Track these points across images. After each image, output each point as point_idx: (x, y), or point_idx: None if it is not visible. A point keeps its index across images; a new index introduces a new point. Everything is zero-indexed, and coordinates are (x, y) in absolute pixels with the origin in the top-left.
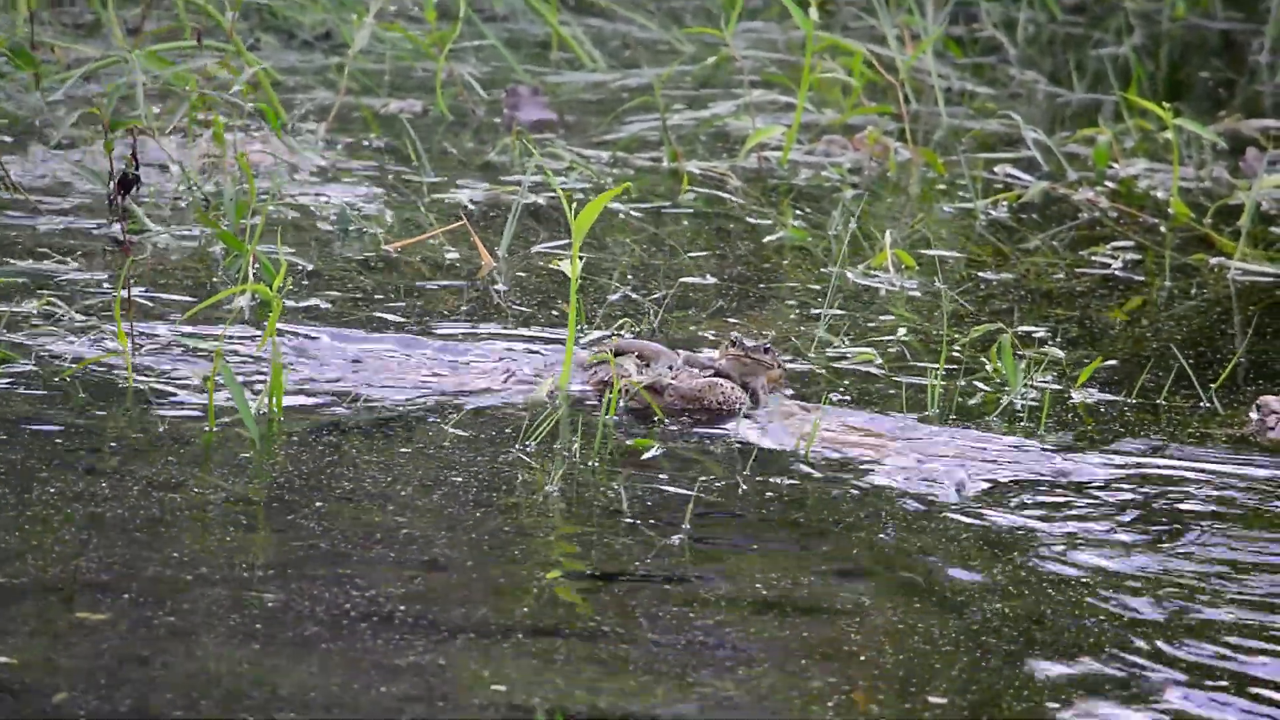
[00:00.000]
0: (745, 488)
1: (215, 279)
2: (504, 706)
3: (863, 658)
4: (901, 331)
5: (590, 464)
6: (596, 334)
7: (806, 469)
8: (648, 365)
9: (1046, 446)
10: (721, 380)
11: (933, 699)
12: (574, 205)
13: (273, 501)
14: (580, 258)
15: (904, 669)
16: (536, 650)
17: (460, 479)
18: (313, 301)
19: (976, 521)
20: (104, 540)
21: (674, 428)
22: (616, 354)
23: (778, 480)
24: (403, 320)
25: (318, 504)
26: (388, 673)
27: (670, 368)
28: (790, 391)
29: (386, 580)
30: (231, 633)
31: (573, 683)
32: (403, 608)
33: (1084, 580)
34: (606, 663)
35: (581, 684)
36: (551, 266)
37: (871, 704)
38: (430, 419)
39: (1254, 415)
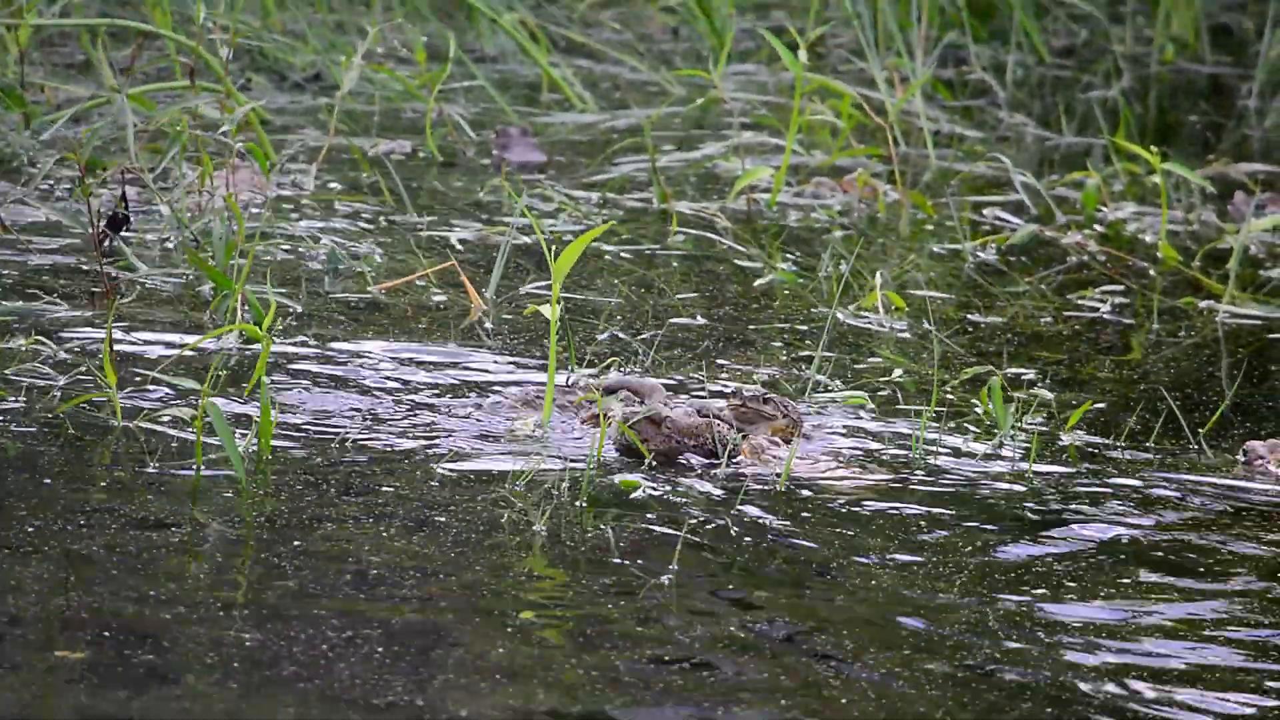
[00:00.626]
0: (736, 529)
1: (204, 319)
2: None
3: (844, 700)
4: (898, 373)
5: (578, 504)
6: (586, 371)
7: (801, 510)
8: (640, 402)
9: (1041, 487)
10: (720, 422)
11: None
12: (555, 247)
13: (255, 541)
14: (562, 300)
15: (885, 712)
16: (516, 692)
17: (444, 519)
18: (301, 339)
19: (970, 561)
20: (83, 579)
21: (661, 467)
22: (608, 392)
23: (766, 519)
24: (395, 362)
25: (300, 544)
26: (366, 711)
27: (665, 404)
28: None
29: (365, 621)
30: (209, 671)
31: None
32: (380, 649)
33: (1078, 628)
34: (584, 703)
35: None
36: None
37: None
38: (417, 459)
39: (1240, 459)
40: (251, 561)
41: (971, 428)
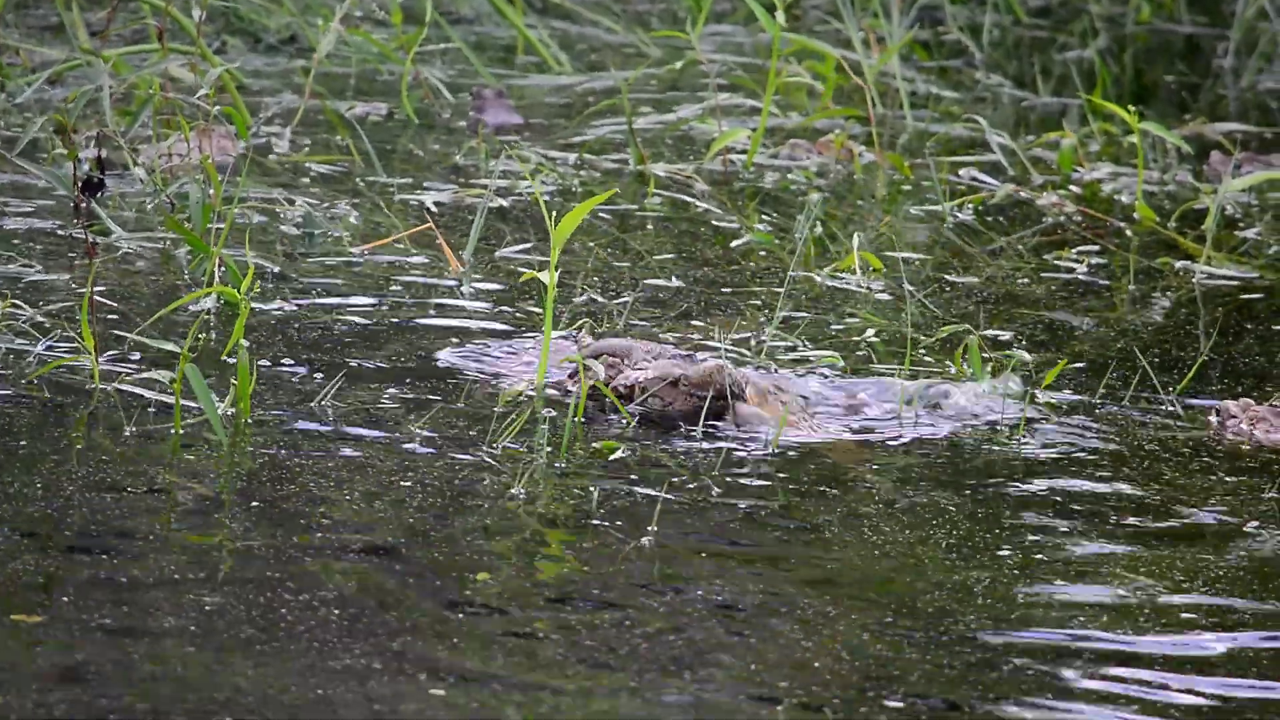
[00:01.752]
0: (717, 490)
1: (181, 282)
2: (440, 706)
3: (816, 664)
4: (870, 333)
5: (558, 466)
6: (573, 332)
7: (780, 472)
8: (622, 361)
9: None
10: (726, 362)
11: (890, 704)
12: (549, 210)
13: (225, 504)
14: (544, 262)
15: (859, 675)
16: (478, 655)
17: (420, 481)
18: (279, 302)
19: (953, 524)
20: (44, 542)
21: (644, 428)
22: (595, 356)
23: (746, 481)
24: (373, 323)
25: (270, 507)
26: (322, 675)
27: (654, 357)
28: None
29: (323, 584)
30: (166, 635)
31: (517, 689)
32: (337, 611)
33: (1062, 589)
34: (549, 668)
35: (526, 690)
36: (518, 269)
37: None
38: (397, 420)
39: (1213, 419)
40: (217, 524)
41: (952, 387)
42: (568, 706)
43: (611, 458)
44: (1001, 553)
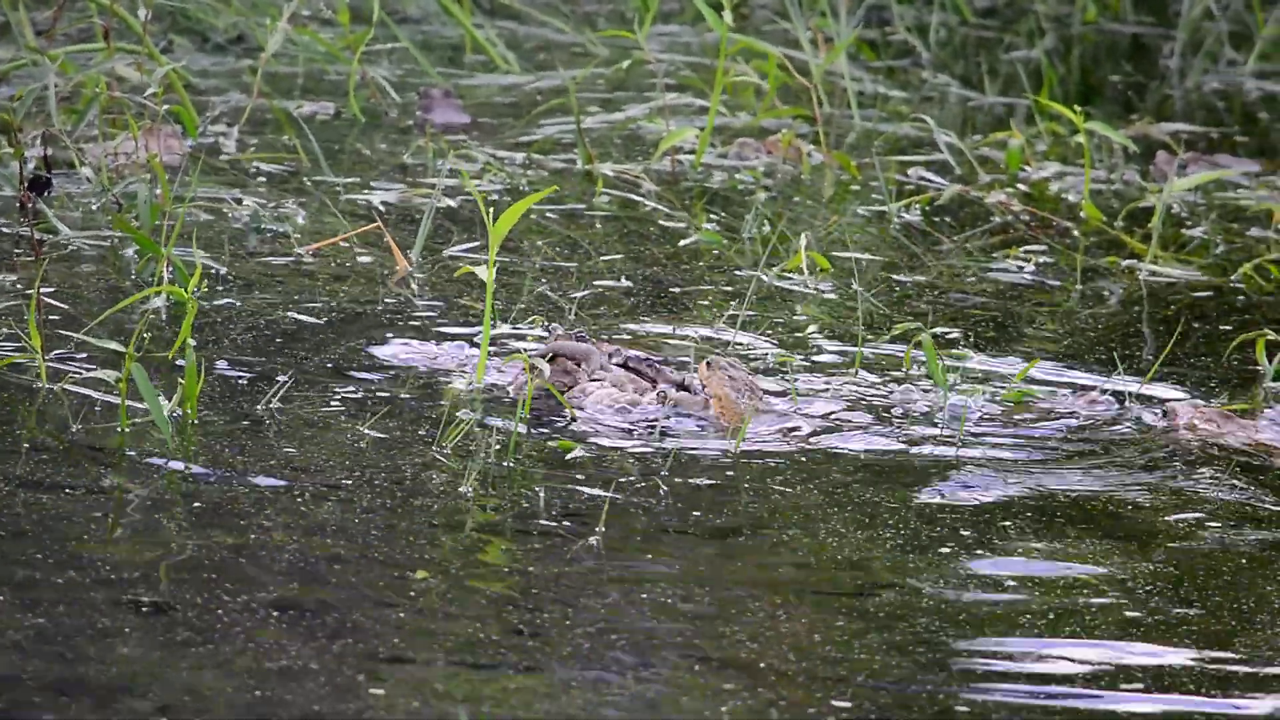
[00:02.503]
0: (665, 489)
1: (129, 282)
2: (381, 707)
3: (763, 664)
4: (812, 327)
5: (506, 465)
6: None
7: (728, 471)
8: (578, 365)
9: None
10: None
11: (838, 703)
12: (491, 209)
13: (166, 504)
14: (495, 262)
15: (810, 676)
16: (418, 656)
17: (368, 480)
18: (227, 302)
19: (901, 527)
20: None
21: (590, 428)
22: (552, 358)
23: (698, 482)
24: (321, 323)
25: (213, 508)
26: (257, 677)
27: (603, 366)
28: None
29: (261, 585)
30: (101, 635)
31: (454, 687)
32: (276, 613)
33: (1010, 589)
34: (484, 669)
35: (463, 689)
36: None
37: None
38: (346, 420)
39: (1161, 420)
40: (158, 525)
41: (910, 386)
42: (512, 706)
43: (564, 457)
44: (948, 552)
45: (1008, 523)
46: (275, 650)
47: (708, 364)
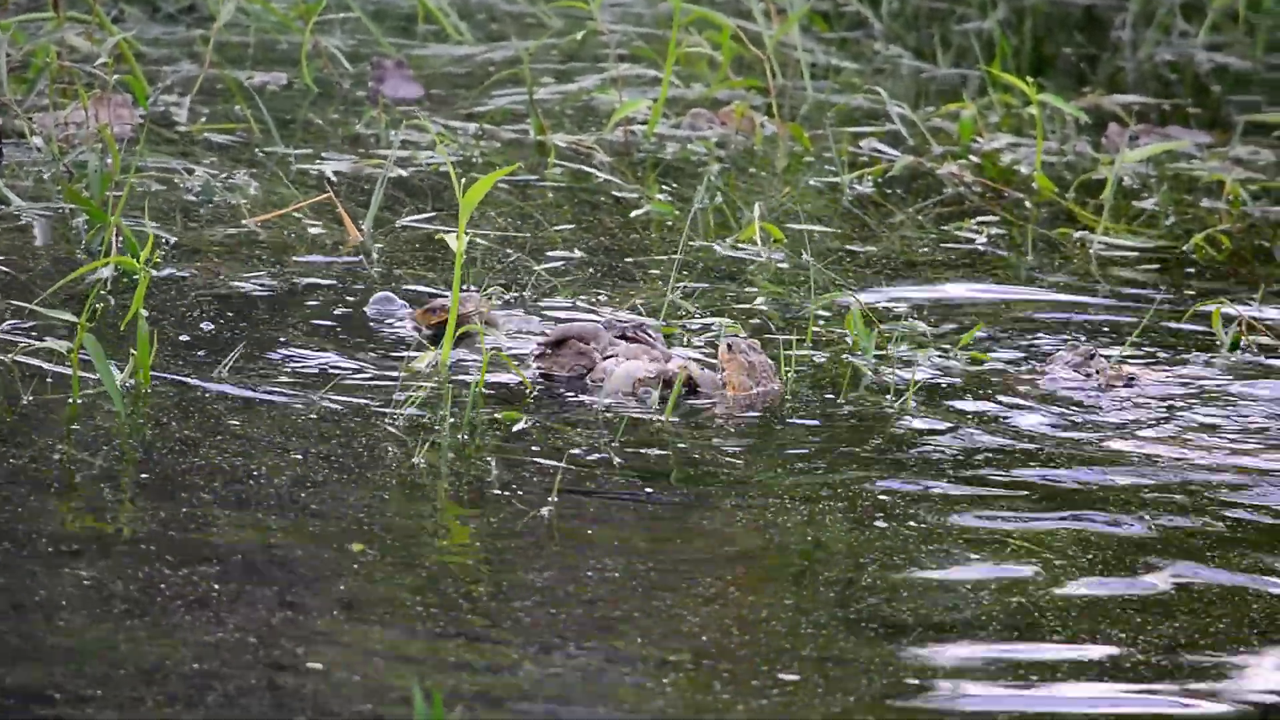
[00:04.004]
0: (617, 461)
1: (78, 252)
2: (321, 679)
3: (706, 637)
4: (759, 301)
5: (460, 437)
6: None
7: (680, 443)
8: (589, 345)
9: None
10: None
11: (784, 676)
12: (462, 180)
13: (115, 475)
14: (447, 232)
15: (756, 648)
16: (354, 630)
17: (319, 452)
18: (177, 274)
19: (851, 491)
20: None
21: (546, 399)
22: (556, 343)
23: (648, 453)
24: (273, 294)
25: (164, 479)
26: (195, 648)
27: (618, 336)
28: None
29: (203, 557)
30: (39, 607)
31: (397, 660)
32: (217, 586)
33: (956, 560)
34: (428, 639)
35: (405, 662)
36: (419, 239)
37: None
38: (299, 390)
39: (1039, 370)
40: (104, 496)
41: (861, 357)
42: (460, 677)
43: (515, 428)
44: (894, 526)
45: (955, 490)
46: (215, 623)
47: (729, 346)
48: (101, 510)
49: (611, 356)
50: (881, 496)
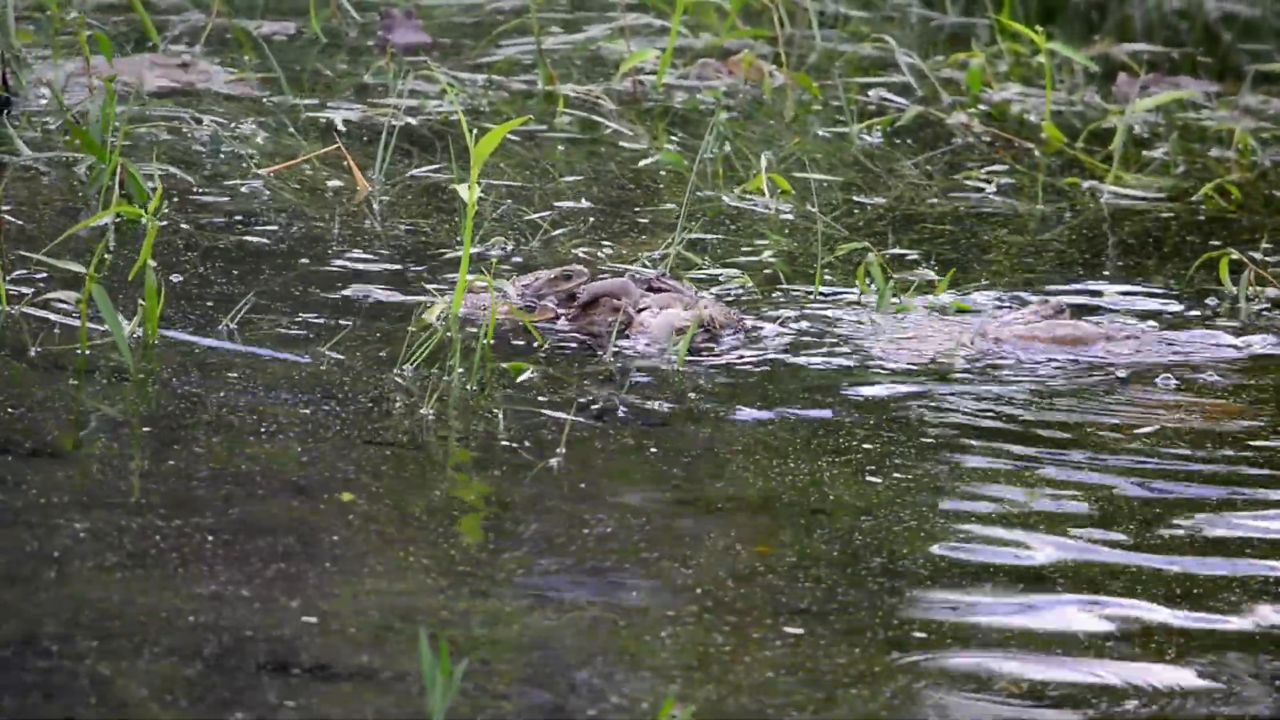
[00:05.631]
0: (624, 411)
1: (83, 203)
2: (320, 631)
3: (712, 589)
4: (768, 254)
5: (469, 388)
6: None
7: (689, 392)
8: (621, 301)
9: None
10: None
11: (788, 629)
12: (473, 131)
13: (121, 428)
14: (460, 183)
15: (761, 601)
16: (353, 582)
17: (328, 405)
18: (186, 225)
19: (855, 450)
20: None
21: (552, 351)
22: (588, 304)
23: (654, 405)
24: (282, 245)
25: (169, 431)
26: (188, 600)
27: (639, 297)
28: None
29: (204, 509)
30: (31, 558)
31: (399, 610)
32: (210, 539)
33: (965, 512)
34: (433, 593)
35: (406, 613)
36: (427, 190)
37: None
38: (307, 342)
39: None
40: (108, 449)
41: (864, 306)
42: (464, 628)
43: (520, 379)
44: (900, 475)
45: (968, 440)
46: (209, 575)
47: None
48: (103, 462)
49: (646, 309)
50: (891, 446)
